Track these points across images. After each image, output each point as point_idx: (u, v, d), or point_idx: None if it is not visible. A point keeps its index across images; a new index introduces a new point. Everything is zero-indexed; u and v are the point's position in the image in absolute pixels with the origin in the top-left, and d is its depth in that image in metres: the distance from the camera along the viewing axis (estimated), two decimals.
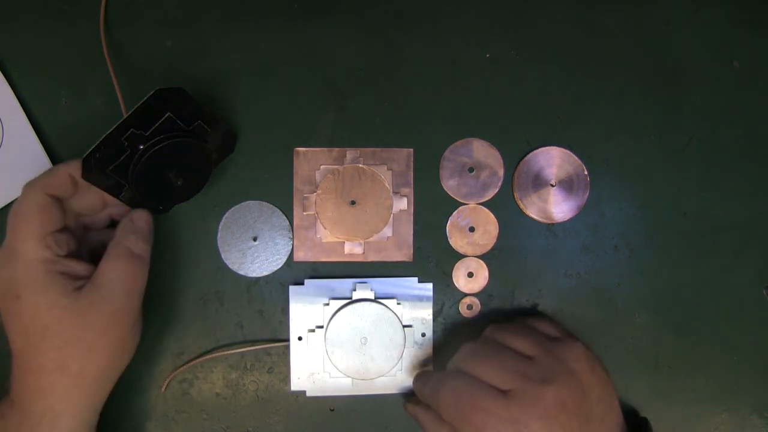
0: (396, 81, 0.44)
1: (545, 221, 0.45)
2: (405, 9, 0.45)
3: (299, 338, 0.44)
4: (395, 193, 0.44)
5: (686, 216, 0.45)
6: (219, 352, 0.44)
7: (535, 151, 0.45)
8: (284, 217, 0.44)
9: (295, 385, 0.44)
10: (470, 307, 0.45)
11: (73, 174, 0.36)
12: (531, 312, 0.45)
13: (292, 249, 0.44)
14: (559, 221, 0.45)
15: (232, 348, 0.44)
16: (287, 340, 0.44)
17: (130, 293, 0.37)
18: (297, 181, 0.44)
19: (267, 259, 0.44)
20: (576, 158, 0.45)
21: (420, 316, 0.44)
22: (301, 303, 0.44)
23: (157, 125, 0.36)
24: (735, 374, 0.46)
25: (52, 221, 0.36)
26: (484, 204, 0.45)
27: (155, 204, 0.40)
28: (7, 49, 0.43)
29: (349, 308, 0.44)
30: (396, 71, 0.44)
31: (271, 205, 0.44)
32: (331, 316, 0.44)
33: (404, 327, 0.44)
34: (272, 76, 0.44)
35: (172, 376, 0.44)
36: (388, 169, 0.44)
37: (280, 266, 0.44)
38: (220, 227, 0.44)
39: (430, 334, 0.45)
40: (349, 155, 0.44)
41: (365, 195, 0.44)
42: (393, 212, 0.44)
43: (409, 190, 0.45)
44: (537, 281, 0.45)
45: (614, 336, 0.45)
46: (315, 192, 0.44)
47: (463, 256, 0.45)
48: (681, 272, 0.45)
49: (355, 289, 0.44)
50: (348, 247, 0.44)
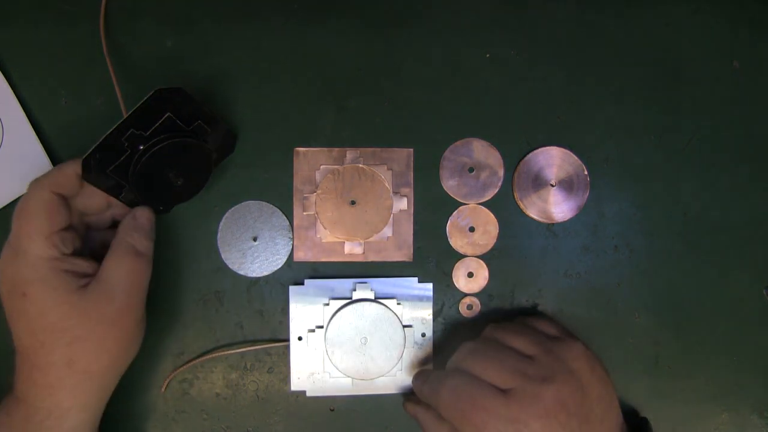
0: (396, 81, 0.44)
1: (545, 221, 0.45)
2: (405, 9, 0.45)
3: (299, 338, 0.44)
4: (395, 193, 0.44)
5: (686, 216, 0.45)
6: (219, 352, 0.44)
7: (535, 151, 0.45)
8: (284, 217, 0.44)
9: (295, 385, 0.44)
10: (470, 307, 0.45)
11: (79, 172, 0.36)
12: (531, 312, 0.45)
13: (292, 249, 0.44)
14: (559, 221, 0.45)
15: (232, 348, 0.44)
16: (287, 340, 0.44)
17: (135, 289, 0.37)
18: (297, 181, 0.44)
19: (267, 259, 0.44)
20: (576, 158, 0.45)
21: (420, 316, 0.44)
22: (301, 303, 0.44)
23: (157, 125, 0.36)
24: (735, 374, 0.46)
25: (59, 220, 0.36)
26: (484, 204, 0.45)
27: (156, 204, 0.40)
28: (7, 49, 0.43)
29: (349, 308, 0.44)
30: (396, 71, 0.44)
31: (271, 205, 0.44)
32: (331, 316, 0.44)
33: (404, 327, 0.44)
34: (272, 76, 0.44)
35: (172, 376, 0.44)
36: (388, 169, 0.44)
37: (280, 266, 0.44)
38: (220, 227, 0.44)
39: (430, 334, 0.45)
40: (349, 155, 0.44)
41: (365, 195, 0.44)
42: (393, 212, 0.44)
43: (409, 190, 0.45)
44: (537, 281, 0.45)
45: (614, 336, 0.45)
46: (315, 192, 0.44)
47: (463, 256, 0.45)
48: (681, 272, 0.45)
49: (355, 289, 0.44)
50: (348, 247, 0.44)
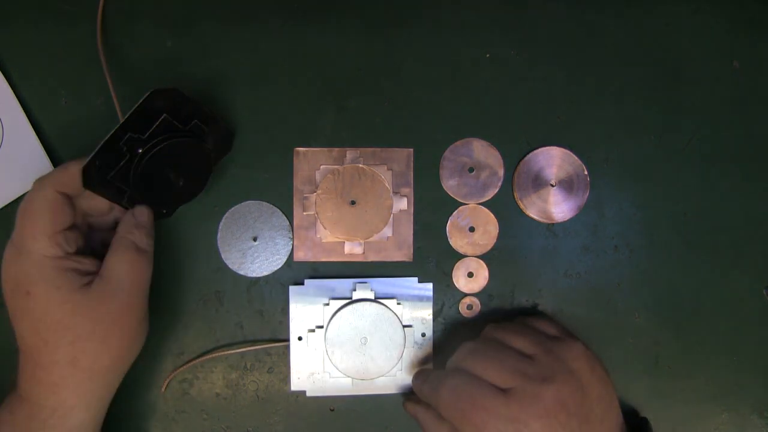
0: (396, 81, 0.44)
1: (545, 221, 0.45)
2: (405, 9, 0.44)
3: (299, 338, 0.44)
4: (395, 193, 0.44)
5: (686, 216, 0.45)
6: (219, 352, 0.44)
7: (535, 151, 0.45)
8: (284, 217, 0.44)
9: (295, 385, 0.44)
10: (470, 307, 0.45)
11: None
12: (531, 312, 0.45)
13: (292, 249, 0.44)
14: (559, 221, 0.45)
15: (232, 348, 0.44)
16: (287, 340, 0.44)
17: (138, 286, 0.37)
18: (297, 181, 0.44)
19: (267, 259, 0.44)
20: (576, 158, 0.45)
21: (420, 316, 0.44)
22: (301, 303, 0.44)
23: (154, 127, 0.36)
24: (735, 374, 0.46)
25: (62, 219, 0.36)
26: (484, 204, 0.45)
27: (158, 207, 0.40)
28: (7, 49, 0.43)
29: (349, 308, 0.44)
30: (396, 71, 0.44)
31: (271, 205, 0.44)
32: (331, 316, 0.44)
33: (404, 327, 0.44)
34: (272, 76, 0.44)
35: (172, 376, 0.44)
36: (388, 169, 0.44)
37: (280, 266, 0.44)
38: (220, 227, 0.44)
39: (430, 334, 0.45)
40: (349, 155, 0.44)
41: (365, 195, 0.44)
42: (393, 212, 0.44)
43: (409, 190, 0.45)
44: (537, 281, 0.45)
45: (614, 336, 0.45)
46: (315, 192, 0.44)
47: (463, 256, 0.45)
48: (681, 272, 0.45)
49: (355, 289, 0.44)
50: (348, 247, 0.44)
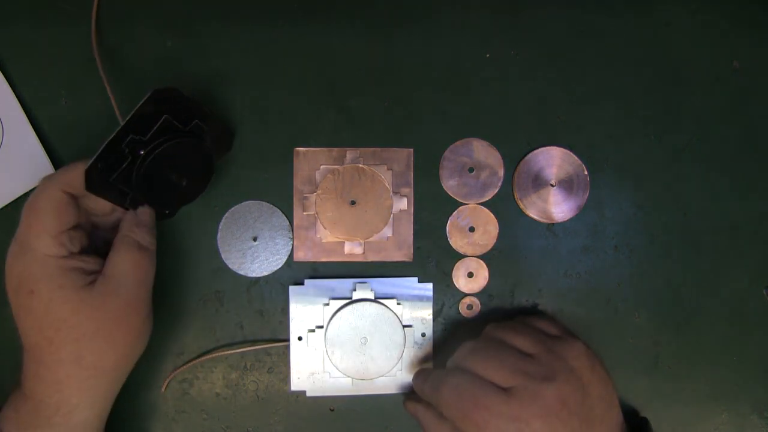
0: (396, 81, 0.44)
1: (545, 221, 0.45)
2: (405, 9, 0.44)
3: (299, 338, 0.44)
4: (395, 193, 0.44)
5: (686, 216, 0.45)
6: (219, 352, 0.44)
7: (535, 151, 0.45)
8: (284, 217, 0.44)
9: (295, 385, 0.44)
10: (470, 307, 0.45)
11: None
12: (531, 311, 0.45)
13: (292, 249, 0.44)
14: (559, 221, 0.45)
15: (232, 348, 0.44)
16: (287, 340, 0.44)
17: (141, 284, 0.37)
18: (297, 181, 0.44)
19: (267, 259, 0.44)
20: (576, 158, 0.45)
21: (420, 316, 0.44)
22: (301, 303, 0.44)
23: (156, 128, 0.36)
24: (735, 374, 0.46)
25: (67, 219, 0.36)
26: (484, 204, 0.45)
27: (161, 208, 0.40)
28: (7, 49, 0.43)
29: (349, 308, 0.44)
30: (396, 71, 0.44)
31: (271, 205, 0.44)
32: (331, 316, 0.44)
33: (404, 327, 0.44)
34: (272, 76, 0.44)
35: (172, 376, 0.44)
36: (388, 169, 0.44)
37: (280, 266, 0.44)
38: (220, 227, 0.44)
39: (430, 334, 0.45)
40: (349, 155, 0.44)
41: (365, 195, 0.44)
42: (393, 212, 0.44)
43: (409, 190, 0.45)
44: (537, 281, 0.45)
45: (614, 336, 0.45)
46: (315, 192, 0.44)
47: (463, 256, 0.45)
48: (681, 272, 0.45)
49: (355, 289, 0.44)
50: (348, 247, 0.44)
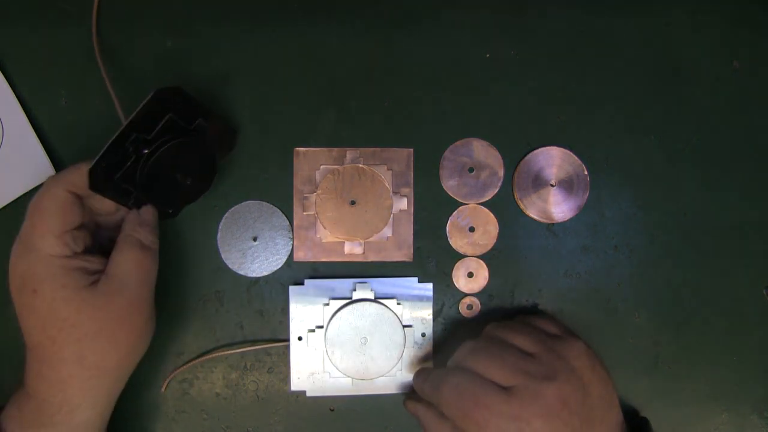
0: (396, 81, 0.44)
1: (545, 221, 0.45)
2: (405, 9, 0.44)
3: (299, 338, 0.44)
4: (395, 193, 0.44)
5: (686, 216, 0.45)
6: (219, 352, 0.44)
7: (535, 151, 0.45)
8: (284, 217, 0.44)
9: (295, 385, 0.44)
10: (470, 307, 0.45)
11: None
12: (531, 311, 0.45)
13: (292, 249, 0.44)
14: (559, 221, 0.45)
15: (232, 348, 0.44)
16: (287, 340, 0.44)
17: (144, 283, 0.37)
18: (297, 181, 0.44)
19: (267, 259, 0.44)
20: (576, 158, 0.45)
21: (420, 316, 0.44)
22: (301, 303, 0.44)
23: (160, 127, 0.36)
24: (735, 374, 0.46)
25: (72, 219, 0.36)
26: (484, 204, 0.45)
27: (164, 207, 0.40)
28: (7, 49, 0.43)
29: (349, 308, 0.44)
30: (396, 71, 0.44)
31: (271, 205, 0.44)
32: (331, 316, 0.44)
33: (404, 327, 0.44)
34: (272, 76, 0.44)
35: (172, 376, 0.44)
36: (388, 169, 0.44)
37: (280, 266, 0.44)
38: (220, 227, 0.44)
39: (430, 334, 0.45)
40: (349, 155, 0.44)
41: (365, 195, 0.44)
42: (393, 212, 0.44)
43: (409, 190, 0.45)
44: (537, 281, 0.45)
45: (614, 336, 0.45)
46: (315, 192, 0.44)
47: (463, 256, 0.45)
48: (681, 272, 0.45)
49: (355, 289, 0.44)
50: (348, 247, 0.44)
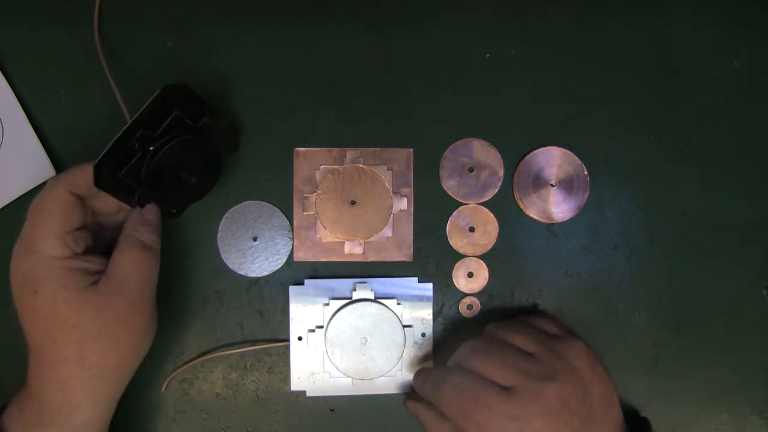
0: (396, 81, 0.44)
1: (545, 221, 0.45)
2: (405, 9, 0.44)
3: (299, 338, 0.44)
4: (395, 193, 0.44)
5: (686, 216, 0.45)
6: (219, 352, 0.44)
7: (535, 151, 0.45)
8: (284, 217, 0.44)
9: (295, 385, 0.44)
10: (470, 307, 0.45)
11: None
12: (531, 311, 0.45)
13: (292, 249, 0.44)
14: (559, 221, 0.45)
15: (232, 348, 0.44)
16: (287, 340, 0.44)
17: (145, 284, 0.37)
18: (297, 181, 0.44)
19: (267, 259, 0.44)
20: (576, 158, 0.45)
21: (420, 316, 0.44)
22: (301, 303, 0.44)
23: (166, 124, 0.36)
24: (735, 374, 0.46)
25: (73, 220, 0.35)
26: (484, 204, 0.45)
27: (168, 206, 0.40)
28: (7, 49, 0.43)
29: (349, 308, 0.44)
30: (396, 71, 0.44)
31: (271, 205, 0.44)
32: (331, 316, 0.44)
33: (404, 327, 0.44)
34: (272, 76, 0.44)
35: (172, 376, 0.44)
36: (388, 169, 0.44)
37: (280, 266, 0.44)
38: (220, 227, 0.44)
39: (430, 334, 0.45)
40: (349, 155, 0.44)
41: (365, 195, 0.44)
42: (393, 212, 0.44)
43: (409, 190, 0.45)
44: (537, 281, 0.45)
45: (614, 336, 0.45)
46: (315, 192, 0.44)
47: (463, 256, 0.45)
48: (681, 272, 0.45)
49: (355, 289, 0.44)
50: (348, 247, 0.44)
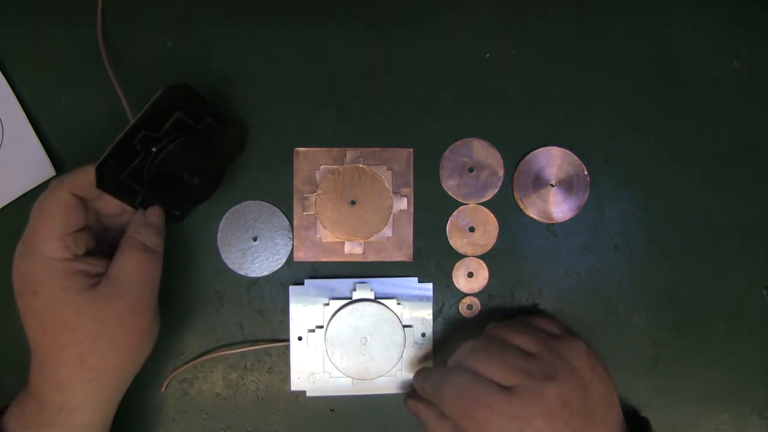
0: (396, 81, 0.44)
1: (545, 221, 0.45)
2: (405, 9, 0.44)
3: (299, 338, 0.44)
4: (395, 193, 0.44)
5: (686, 216, 0.45)
6: (219, 352, 0.44)
7: (535, 151, 0.45)
8: (284, 217, 0.44)
9: (295, 385, 0.44)
10: (470, 307, 0.45)
11: None
12: (531, 311, 0.45)
13: (292, 249, 0.44)
14: (559, 221, 0.45)
15: (232, 348, 0.44)
16: (287, 340, 0.44)
17: (146, 286, 0.37)
18: (297, 181, 0.44)
19: (267, 259, 0.44)
20: (576, 158, 0.45)
21: (420, 316, 0.44)
22: (301, 303, 0.44)
23: (168, 125, 0.36)
24: (735, 374, 0.46)
25: (74, 222, 0.35)
26: (484, 204, 0.45)
27: (171, 208, 0.39)
28: (7, 49, 0.43)
29: (349, 308, 0.44)
30: (396, 71, 0.44)
31: (271, 205, 0.44)
32: (331, 316, 0.44)
33: (404, 327, 0.44)
34: (272, 76, 0.44)
35: (172, 376, 0.44)
36: (388, 169, 0.44)
37: (280, 266, 0.44)
38: (220, 227, 0.44)
39: (430, 334, 0.45)
40: (349, 155, 0.44)
41: (365, 195, 0.44)
42: (393, 212, 0.44)
43: (409, 190, 0.45)
44: (537, 281, 0.45)
45: (614, 336, 0.45)
46: (315, 192, 0.44)
47: (463, 256, 0.45)
48: (681, 272, 0.45)
49: (355, 289, 0.44)
50: (348, 247, 0.44)
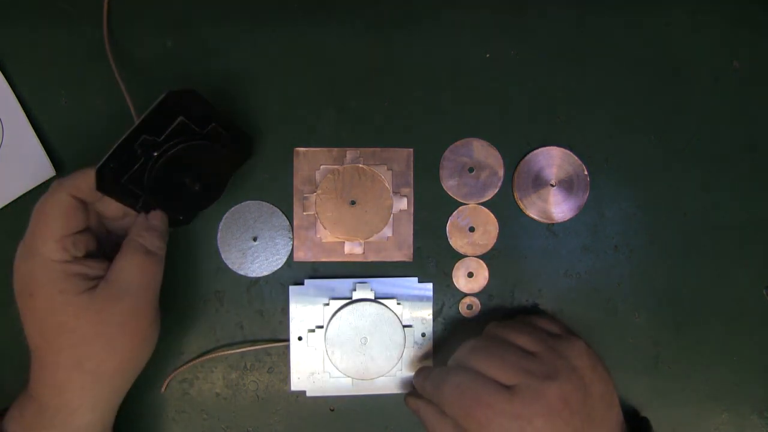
0: (396, 81, 0.44)
1: (545, 221, 0.45)
2: (405, 9, 0.44)
3: (299, 338, 0.44)
4: (395, 193, 0.44)
5: (686, 216, 0.45)
6: (219, 352, 0.44)
7: (535, 151, 0.45)
8: (284, 217, 0.44)
9: (295, 385, 0.44)
10: (470, 307, 0.45)
11: None
12: (531, 311, 0.45)
13: (292, 249, 0.44)
14: (559, 221, 0.45)
15: (232, 348, 0.44)
16: (287, 340, 0.44)
17: (146, 289, 0.37)
18: (297, 181, 0.44)
19: (267, 259, 0.44)
20: (576, 158, 0.45)
21: (420, 316, 0.44)
22: (301, 303, 0.44)
23: (170, 130, 0.35)
24: (735, 374, 0.46)
25: (73, 224, 0.35)
26: (484, 204, 0.45)
27: (173, 213, 0.39)
28: (7, 49, 0.43)
29: (349, 308, 0.44)
30: (396, 71, 0.44)
31: (271, 205, 0.44)
32: (331, 316, 0.44)
33: (404, 327, 0.44)
34: (272, 76, 0.44)
35: (172, 376, 0.44)
36: (388, 169, 0.44)
37: (280, 266, 0.44)
38: (220, 227, 0.44)
39: (430, 334, 0.45)
40: (349, 155, 0.44)
41: (365, 195, 0.44)
42: (393, 212, 0.44)
43: (409, 190, 0.45)
44: (537, 281, 0.45)
45: (614, 336, 0.45)
46: (315, 192, 0.44)
47: (463, 256, 0.45)
48: (681, 272, 0.45)
49: (355, 289, 0.44)
50: (348, 247, 0.44)
